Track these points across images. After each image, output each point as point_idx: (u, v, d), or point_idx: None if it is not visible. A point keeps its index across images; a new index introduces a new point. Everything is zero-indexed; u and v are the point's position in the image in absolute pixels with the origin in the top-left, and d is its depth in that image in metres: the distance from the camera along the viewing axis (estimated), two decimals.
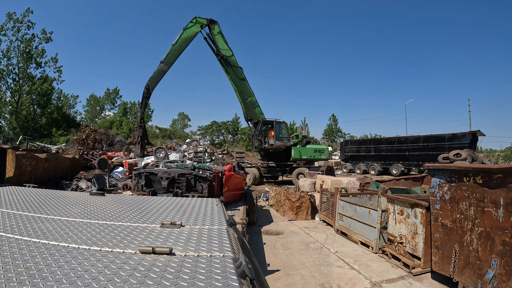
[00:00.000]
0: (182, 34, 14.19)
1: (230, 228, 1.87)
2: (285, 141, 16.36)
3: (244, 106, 16.04)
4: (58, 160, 11.47)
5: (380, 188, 7.80)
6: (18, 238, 1.50)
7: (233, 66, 15.52)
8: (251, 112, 16.20)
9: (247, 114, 16.28)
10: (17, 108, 28.37)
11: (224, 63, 15.39)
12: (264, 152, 16.87)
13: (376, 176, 18.62)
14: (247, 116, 16.35)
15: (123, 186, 10.02)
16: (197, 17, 14.60)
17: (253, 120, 16.38)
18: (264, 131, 16.23)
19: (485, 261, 3.33)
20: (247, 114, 16.30)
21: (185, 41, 14.32)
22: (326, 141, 46.06)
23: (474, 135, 16.17)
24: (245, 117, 16.51)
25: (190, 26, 14.39)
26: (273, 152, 16.55)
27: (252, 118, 16.31)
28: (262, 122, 16.09)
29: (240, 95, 15.86)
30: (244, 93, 15.89)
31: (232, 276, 1.06)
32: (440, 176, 4.01)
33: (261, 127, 16.08)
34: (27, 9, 28.38)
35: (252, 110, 16.17)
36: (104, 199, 2.95)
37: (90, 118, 41.33)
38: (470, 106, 44.69)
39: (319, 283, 3.99)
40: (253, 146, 17.71)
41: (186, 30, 14.25)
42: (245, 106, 16.03)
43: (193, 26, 14.42)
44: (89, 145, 21.71)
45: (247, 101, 15.96)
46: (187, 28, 14.28)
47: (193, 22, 14.44)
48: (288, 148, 16.31)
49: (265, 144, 15.95)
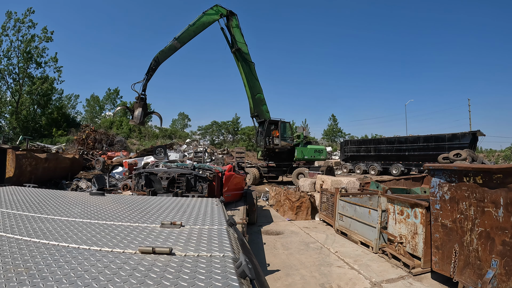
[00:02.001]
0: (201, 17, 13.62)
1: (230, 228, 1.87)
2: (289, 141, 16.44)
3: (252, 102, 15.93)
4: (58, 160, 11.47)
5: (380, 188, 7.80)
6: (18, 238, 1.50)
7: (247, 61, 15.35)
8: (258, 109, 16.04)
9: (254, 110, 16.09)
10: (17, 108, 28.36)
11: (239, 56, 15.16)
12: (268, 151, 16.79)
13: (376, 176, 18.61)
14: (254, 112, 16.16)
15: (123, 186, 10.02)
16: (218, 5, 14.13)
17: (259, 118, 16.25)
18: (270, 131, 16.21)
19: (485, 261, 3.33)
20: (254, 110, 16.11)
21: (202, 25, 13.74)
22: (326, 141, 46.05)
23: (474, 135, 16.17)
24: (252, 113, 16.33)
25: (210, 13, 13.94)
26: (277, 152, 16.53)
27: (259, 115, 16.16)
28: (268, 122, 16.01)
29: (249, 90, 15.70)
30: (253, 89, 15.74)
31: (232, 276, 1.06)
32: (440, 176, 4.01)
33: (268, 126, 16.03)
34: (29, 9, 28.40)
35: (260, 107, 16.04)
36: (104, 199, 2.95)
37: (90, 118, 41.35)
38: (470, 106, 44.78)
39: (319, 283, 3.99)
40: (257, 145, 17.53)
41: (206, 15, 13.73)
42: (253, 102, 15.91)
43: (213, 13, 14.01)
44: (89, 145, 21.72)
45: (256, 97, 15.86)
46: (207, 14, 13.78)
47: (213, 9, 14.01)
48: (291, 148, 16.40)
49: (271, 143, 15.93)
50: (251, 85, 15.66)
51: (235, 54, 15.17)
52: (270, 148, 16.38)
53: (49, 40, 29.74)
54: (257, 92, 15.93)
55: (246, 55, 15.33)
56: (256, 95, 15.91)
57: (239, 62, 15.30)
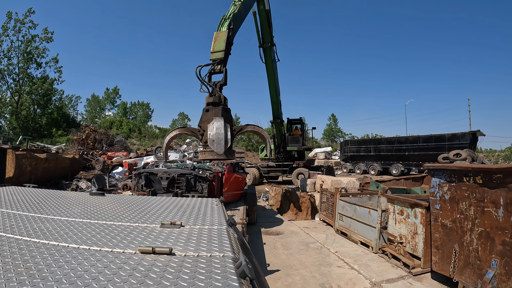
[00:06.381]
0: None
1: (230, 228, 1.87)
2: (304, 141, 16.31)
3: (277, 102, 14.08)
4: (58, 160, 11.48)
5: (380, 188, 7.79)
6: (18, 238, 1.50)
7: (274, 60, 12.92)
8: (280, 111, 14.63)
9: (278, 111, 14.47)
10: (17, 108, 28.35)
11: (270, 53, 12.50)
12: (285, 152, 16.18)
13: (376, 176, 18.62)
14: (278, 113, 14.52)
15: (123, 186, 10.02)
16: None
17: (279, 118, 14.87)
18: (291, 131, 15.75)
19: (485, 261, 3.33)
20: (278, 111, 14.46)
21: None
22: (326, 141, 46.04)
23: (474, 135, 16.18)
24: (276, 115, 14.59)
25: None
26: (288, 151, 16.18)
27: (279, 116, 14.82)
28: (288, 121, 15.47)
29: (277, 89, 13.64)
30: (277, 88, 13.80)
31: (232, 276, 1.06)
32: (440, 176, 4.01)
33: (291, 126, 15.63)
34: (29, 9, 28.39)
35: (280, 109, 14.73)
36: (104, 199, 2.95)
37: (90, 118, 41.35)
38: (470, 106, 44.84)
39: (319, 283, 3.99)
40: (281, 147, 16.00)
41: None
42: (277, 102, 14.10)
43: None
44: (89, 145, 21.73)
45: (279, 99, 14.26)
46: None
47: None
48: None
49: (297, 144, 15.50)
50: (277, 85, 13.64)
51: (266, 51, 12.33)
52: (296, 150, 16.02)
53: (49, 40, 29.75)
54: (279, 93, 14.31)
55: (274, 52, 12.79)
56: (279, 96, 14.37)
57: (270, 58, 12.53)
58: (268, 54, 12.33)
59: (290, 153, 16.65)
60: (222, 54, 6.30)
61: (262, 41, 12.02)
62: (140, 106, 48.18)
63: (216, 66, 6.21)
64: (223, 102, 5.81)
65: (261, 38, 11.97)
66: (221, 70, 6.22)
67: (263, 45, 12.02)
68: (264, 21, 11.40)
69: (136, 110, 47.72)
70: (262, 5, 10.90)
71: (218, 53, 6.34)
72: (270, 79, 13.00)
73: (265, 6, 10.96)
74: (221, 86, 6.02)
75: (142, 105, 48.22)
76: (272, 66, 12.62)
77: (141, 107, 48.15)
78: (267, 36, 11.88)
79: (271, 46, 12.05)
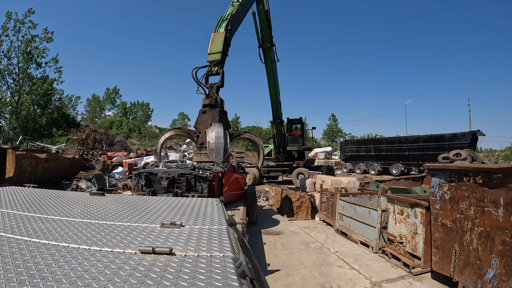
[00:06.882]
0: None
1: (230, 228, 1.87)
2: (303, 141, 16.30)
3: (277, 102, 14.04)
4: (58, 160, 11.48)
5: (380, 188, 7.79)
6: (18, 238, 1.50)
7: (274, 61, 12.98)
8: (280, 111, 14.62)
9: (278, 111, 14.48)
10: (17, 108, 28.36)
11: (270, 54, 12.61)
12: (285, 152, 16.21)
13: (376, 176, 18.61)
14: (278, 113, 14.51)
15: (123, 186, 10.02)
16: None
17: (279, 118, 14.91)
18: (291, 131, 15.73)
19: (485, 261, 3.33)
20: (277, 111, 14.46)
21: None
22: (326, 141, 46.04)
23: (474, 135, 16.17)
24: (276, 115, 14.57)
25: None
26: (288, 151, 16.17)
27: (279, 116, 14.88)
28: (288, 121, 15.39)
29: (276, 89, 13.65)
30: (277, 88, 13.79)
31: (232, 276, 1.06)
32: (440, 176, 4.01)
33: (291, 126, 15.58)
34: (29, 9, 28.39)
35: (280, 109, 14.76)
36: (104, 199, 2.95)
37: (90, 118, 41.36)
38: (470, 106, 44.83)
39: (319, 283, 3.99)
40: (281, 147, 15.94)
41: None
42: (277, 102, 14.06)
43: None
44: (89, 145, 21.72)
45: (279, 99, 14.21)
46: None
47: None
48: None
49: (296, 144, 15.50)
50: (277, 85, 13.66)
51: (265, 51, 12.27)
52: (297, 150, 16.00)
53: (49, 40, 29.75)
54: (279, 93, 14.29)
55: (274, 52, 12.76)
56: (279, 96, 14.37)
57: (270, 59, 12.50)
58: (268, 54, 12.33)
59: (290, 153, 16.66)
60: (219, 56, 6.45)
61: (261, 41, 12.00)
62: (140, 106, 48.22)
63: (213, 68, 6.29)
64: (220, 104, 5.92)
65: (261, 38, 11.96)
66: (218, 72, 6.36)
67: (263, 45, 12.02)
68: (263, 22, 11.40)
69: (136, 110, 47.76)
70: (261, 5, 10.88)
71: (215, 55, 6.45)
72: (270, 79, 12.99)
73: (264, 6, 10.97)
74: (218, 88, 6.15)
75: (142, 105, 48.26)
76: (271, 66, 12.63)
77: (141, 107, 48.19)
78: (267, 37, 11.87)
79: (270, 46, 12.02)
